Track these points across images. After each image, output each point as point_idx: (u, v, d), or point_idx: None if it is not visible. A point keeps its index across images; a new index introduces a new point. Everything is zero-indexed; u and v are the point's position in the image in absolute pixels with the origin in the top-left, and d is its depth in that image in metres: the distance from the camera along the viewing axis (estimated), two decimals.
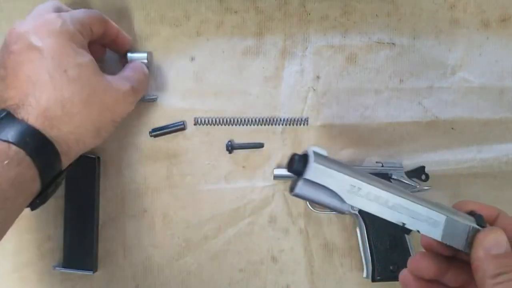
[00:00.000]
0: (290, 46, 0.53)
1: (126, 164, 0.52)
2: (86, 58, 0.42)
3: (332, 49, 0.53)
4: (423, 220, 0.35)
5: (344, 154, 0.53)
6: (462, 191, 0.53)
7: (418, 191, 0.51)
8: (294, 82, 0.53)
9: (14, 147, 0.37)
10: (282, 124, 0.53)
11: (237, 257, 0.52)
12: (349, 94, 0.53)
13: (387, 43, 0.53)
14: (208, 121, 0.52)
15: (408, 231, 0.37)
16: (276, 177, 0.52)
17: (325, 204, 0.35)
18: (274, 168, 0.52)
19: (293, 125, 0.53)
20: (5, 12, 0.52)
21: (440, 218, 0.35)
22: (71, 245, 0.50)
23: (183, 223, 0.52)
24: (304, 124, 0.53)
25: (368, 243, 0.49)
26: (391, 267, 0.48)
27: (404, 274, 0.39)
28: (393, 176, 0.51)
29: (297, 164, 0.34)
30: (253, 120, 0.52)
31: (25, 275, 0.51)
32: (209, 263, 0.52)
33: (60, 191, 0.51)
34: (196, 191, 0.53)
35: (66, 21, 0.42)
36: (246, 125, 0.53)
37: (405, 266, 0.48)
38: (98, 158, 0.51)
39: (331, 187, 0.34)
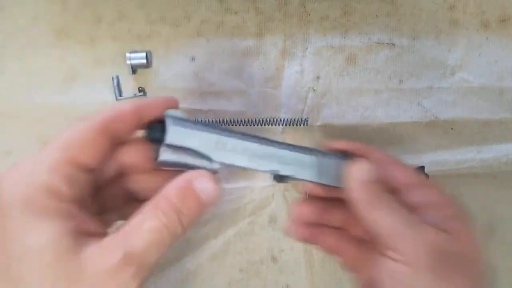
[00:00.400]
0: (290, 46, 0.53)
1: None
2: (46, 235, 0.26)
3: (332, 50, 0.53)
4: (295, 164, 0.36)
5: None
6: (462, 191, 0.53)
7: None
8: (294, 82, 0.53)
9: None
10: (282, 125, 0.53)
11: (237, 257, 0.52)
12: (349, 94, 0.53)
13: (387, 43, 0.53)
14: (208, 122, 0.53)
15: (284, 178, 0.37)
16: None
17: (194, 167, 0.33)
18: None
19: (293, 125, 0.53)
20: (4, 11, 0.52)
21: (311, 159, 0.37)
22: None
23: None
24: (304, 125, 0.53)
25: None
26: None
27: (288, 225, 0.40)
28: None
29: (155, 131, 0.33)
30: (253, 120, 0.53)
31: None
32: (209, 263, 0.52)
33: None
34: None
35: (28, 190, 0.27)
36: (246, 125, 0.53)
37: None
38: None
39: (196, 148, 0.33)
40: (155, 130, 0.33)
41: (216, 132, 0.34)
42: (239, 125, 0.53)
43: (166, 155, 0.32)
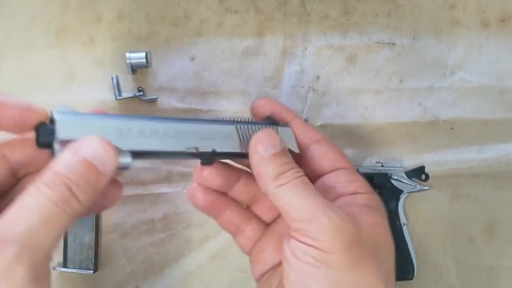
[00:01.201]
0: (290, 46, 0.53)
1: None
2: None
3: (332, 49, 0.53)
4: (215, 138, 0.33)
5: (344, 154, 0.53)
6: (462, 191, 0.53)
7: (419, 191, 0.51)
8: (294, 82, 0.53)
9: None
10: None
11: (237, 257, 0.52)
12: (349, 94, 0.53)
13: (387, 43, 0.53)
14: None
15: (203, 155, 0.33)
16: None
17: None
18: None
19: None
20: (4, 11, 0.52)
21: (232, 129, 0.34)
22: (71, 245, 0.50)
23: (183, 223, 0.52)
24: None
25: None
26: None
27: (192, 186, 0.37)
28: (393, 176, 0.51)
29: (45, 134, 0.28)
30: (251, 122, 0.52)
31: None
32: (209, 263, 0.52)
33: None
34: None
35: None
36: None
37: (404, 266, 0.49)
38: None
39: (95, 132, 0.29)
40: (44, 132, 0.28)
41: (115, 119, 0.30)
42: None
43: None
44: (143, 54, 0.50)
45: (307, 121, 0.53)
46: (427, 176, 0.51)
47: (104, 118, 0.30)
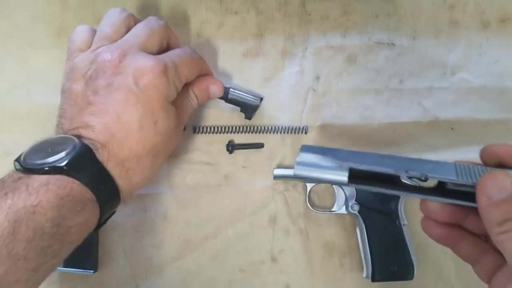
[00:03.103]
0: (290, 46, 0.53)
1: None
2: (174, 112, 0.42)
3: (332, 50, 0.53)
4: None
5: None
6: None
7: None
8: (294, 82, 0.53)
9: (90, 194, 0.36)
10: (281, 132, 0.53)
11: (237, 257, 0.52)
12: (349, 94, 0.53)
13: (387, 43, 0.53)
14: (207, 129, 0.52)
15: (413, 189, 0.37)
16: (275, 177, 0.52)
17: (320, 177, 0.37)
18: (274, 168, 0.52)
19: (292, 133, 0.53)
20: (4, 11, 0.52)
21: (450, 166, 0.35)
22: None
23: (183, 223, 0.52)
24: (302, 133, 0.53)
25: (368, 243, 0.49)
26: (390, 267, 0.48)
27: (423, 219, 0.38)
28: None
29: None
30: (251, 128, 0.52)
31: None
32: (209, 263, 0.52)
33: None
34: (196, 191, 0.53)
35: (168, 70, 0.40)
36: (244, 132, 0.53)
37: (404, 266, 0.49)
38: None
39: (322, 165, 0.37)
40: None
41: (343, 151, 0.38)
42: (238, 133, 0.53)
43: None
44: None
45: (306, 129, 0.53)
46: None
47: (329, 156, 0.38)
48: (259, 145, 0.53)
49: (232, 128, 0.52)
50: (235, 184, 0.53)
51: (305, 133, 0.53)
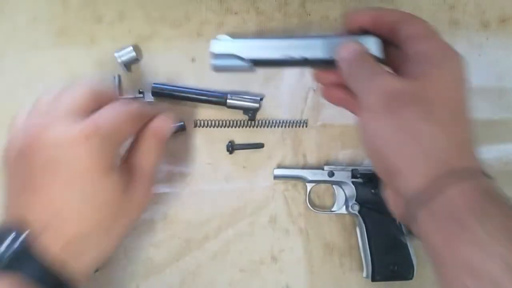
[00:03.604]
0: None
1: None
2: (116, 177, 0.38)
3: None
4: (308, 49, 0.43)
5: (344, 154, 0.53)
6: None
7: None
8: (294, 82, 0.53)
9: None
10: (281, 126, 0.53)
11: (237, 257, 0.52)
12: None
13: None
14: (208, 123, 0.53)
15: (297, 62, 0.43)
16: (276, 177, 0.52)
17: (232, 67, 0.44)
18: (274, 168, 0.52)
19: (292, 127, 0.53)
20: (5, 12, 0.53)
21: (322, 41, 0.43)
22: None
23: (183, 223, 0.52)
24: (303, 126, 0.53)
25: (368, 243, 0.49)
26: (390, 267, 0.48)
27: (322, 89, 0.45)
28: None
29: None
30: (252, 122, 0.53)
31: None
32: (209, 263, 0.52)
33: None
34: (197, 191, 0.53)
35: (103, 135, 0.37)
36: (245, 127, 0.53)
37: (404, 266, 0.49)
38: None
39: (229, 52, 0.44)
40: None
41: (244, 39, 0.45)
42: (239, 127, 0.53)
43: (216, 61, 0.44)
44: (131, 48, 0.51)
45: (306, 122, 0.53)
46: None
47: (245, 39, 0.45)
48: (259, 145, 0.53)
49: (232, 122, 0.53)
50: (235, 184, 0.53)
51: (305, 126, 0.53)
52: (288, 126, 0.53)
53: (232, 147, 0.52)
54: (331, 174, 0.51)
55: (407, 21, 0.39)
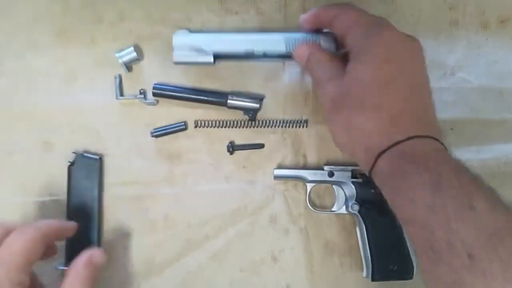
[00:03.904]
0: None
1: (127, 164, 0.52)
2: None
3: None
4: (267, 43, 0.48)
5: (344, 154, 0.53)
6: None
7: None
8: (294, 82, 0.53)
9: None
10: (282, 126, 0.53)
11: (237, 257, 0.52)
12: None
13: None
14: (209, 123, 0.53)
15: (257, 56, 0.48)
16: (276, 177, 0.52)
17: (193, 60, 0.48)
18: (274, 169, 0.52)
19: (292, 127, 0.53)
20: (6, 11, 0.53)
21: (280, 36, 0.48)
22: (73, 244, 0.50)
23: (183, 223, 0.53)
24: (303, 126, 0.53)
25: (368, 243, 0.49)
26: (390, 267, 0.49)
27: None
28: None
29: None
30: (252, 122, 0.53)
31: None
32: (209, 263, 0.52)
33: (62, 190, 0.51)
34: (197, 191, 0.53)
35: (1, 281, 0.37)
36: (245, 127, 0.53)
37: (404, 265, 0.49)
38: (100, 158, 0.52)
39: (192, 46, 0.48)
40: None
41: (206, 33, 0.49)
42: (239, 127, 0.53)
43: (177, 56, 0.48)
44: (132, 48, 0.51)
45: (306, 122, 0.53)
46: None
47: (198, 34, 0.49)
48: (259, 146, 0.53)
49: (233, 122, 0.53)
50: (236, 184, 0.53)
51: (306, 126, 0.53)
52: (288, 126, 0.53)
53: (232, 148, 0.53)
54: (331, 174, 0.51)
55: (339, 15, 0.44)
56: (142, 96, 0.52)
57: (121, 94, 0.52)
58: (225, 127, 0.53)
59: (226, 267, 0.52)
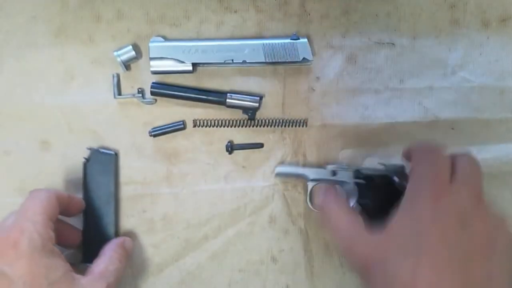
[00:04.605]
0: None
1: (126, 163, 0.52)
2: (60, 271, 0.40)
3: (332, 49, 0.53)
4: (246, 50, 0.49)
5: (344, 154, 0.53)
6: None
7: None
8: (294, 82, 0.53)
9: None
10: (281, 126, 0.53)
11: (237, 257, 0.52)
12: (349, 94, 0.53)
13: (387, 43, 0.53)
14: (207, 123, 0.52)
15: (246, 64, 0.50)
16: (278, 174, 0.51)
17: (177, 71, 0.50)
18: (276, 166, 0.52)
19: (291, 126, 0.53)
20: (4, 10, 0.52)
21: (258, 45, 0.50)
22: (91, 240, 0.50)
23: (183, 223, 0.52)
24: (303, 126, 0.53)
25: None
26: None
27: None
28: (395, 179, 0.50)
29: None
30: (251, 122, 0.52)
31: None
32: (209, 263, 0.52)
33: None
34: (196, 191, 0.52)
35: (32, 236, 0.39)
36: (244, 126, 0.53)
37: None
38: (116, 154, 0.52)
39: (170, 56, 0.49)
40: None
41: (183, 42, 0.50)
42: (238, 127, 0.52)
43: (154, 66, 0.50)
44: (130, 47, 0.51)
45: (306, 122, 0.53)
46: (406, 177, 0.51)
47: (176, 42, 0.50)
48: (259, 145, 0.53)
49: (232, 122, 0.52)
50: (235, 184, 0.53)
51: (305, 126, 0.53)
52: (288, 126, 0.53)
53: (231, 147, 0.52)
54: (333, 173, 0.50)
55: (414, 155, 0.41)
56: (140, 95, 0.52)
57: (119, 93, 0.52)
58: (224, 126, 0.52)
59: (226, 267, 0.52)
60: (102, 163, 0.51)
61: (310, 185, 0.51)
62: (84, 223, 0.51)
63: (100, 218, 0.51)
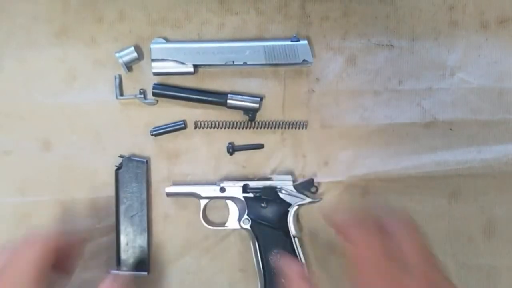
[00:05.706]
0: None
1: None
2: None
3: (331, 51, 0.53)
4: (247, 51, 0.50)
5: (344, 155, 0.53)
6: (461, 192, 0.53)
7: (308, 203, 0.51)
8: (294, 82, 0.53)
9: None
10: (281, 127, 0.53)
11: (237, 257, 0.52)
12: (349, 95, 0.53)
13: (386, 44, 0.53)
14: (208, 124, 0.53)
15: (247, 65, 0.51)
16: (168, 194, 0.51)
17: (177, 72, 0.50)
18: (166, 187, 0.51)
19: (292, 128, 0.53)
20: (5, 11, 0.53)
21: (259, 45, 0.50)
22: (124, 248, 0.51)
23: (183, 223, 0.52)
24: (303, 127, 0.53)
25: (260, 257, 0.49)
26: (283, 280, 0.47)
27: None
28: (282, 190, 0.50)
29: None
30: (252, 124, 0.53)
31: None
32: (209, 263, 0.52)
33: (62, 189, 0.51)
34: None
35: None
36: (245, 128, 0.53)
37: None
38: (147, 161, 0.52)
39: (172, 57, 0.49)
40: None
41: (184, 44, 0.50)
42: (238, 128, 0.53)
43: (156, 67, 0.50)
44: (132, 48, 0.51)
45: (306, 124, 0.53)
46: (316, 189, 0.51)
47: (177, 44, 0.51)
48: (259, 146, 0.53)
49: (232, 123, 0.53)
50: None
51: (305, 128, 0.53)
52: (288, 127, 0.53)
53: (232, 149, 0.52)
54: (223, 190, 0.50)
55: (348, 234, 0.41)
56: (142, 96, 0.52)
57: (121, 94, 0.52)
58: (224, 128, 0.53)
59: (226, 267, 0.52)
60: (135, 170, 0.51)
61: (202, 202, 0.51)
62: (117, 230, 0.51)
63: (134, 226, 0.51)
